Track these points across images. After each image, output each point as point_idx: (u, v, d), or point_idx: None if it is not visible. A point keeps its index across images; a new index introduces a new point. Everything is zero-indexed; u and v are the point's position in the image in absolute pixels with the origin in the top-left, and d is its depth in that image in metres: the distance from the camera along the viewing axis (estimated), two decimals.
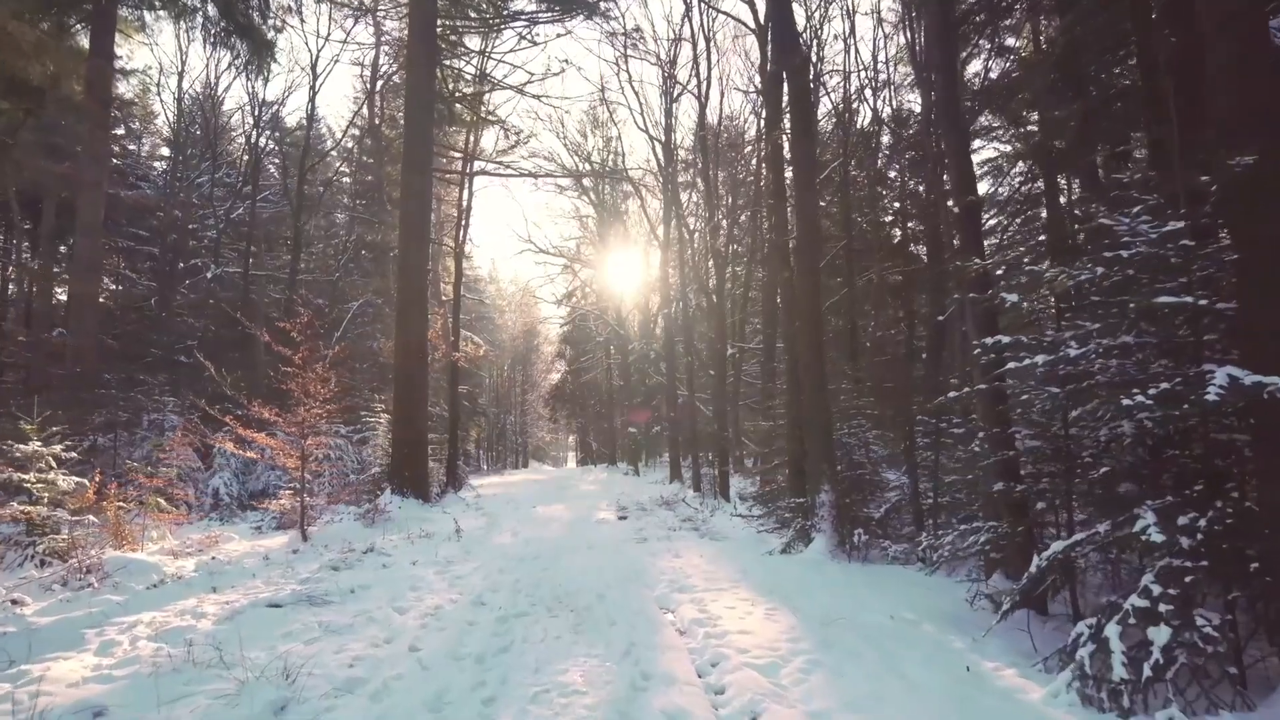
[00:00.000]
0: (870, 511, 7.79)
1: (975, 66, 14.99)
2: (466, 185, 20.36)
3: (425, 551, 8.40)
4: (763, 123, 22.29)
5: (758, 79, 20.18)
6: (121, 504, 8.12)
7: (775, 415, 15.15)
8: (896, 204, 19.20)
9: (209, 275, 21.87)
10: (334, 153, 26.78)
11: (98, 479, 8.42)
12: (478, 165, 19.22)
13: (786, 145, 9.40)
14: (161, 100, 23.45)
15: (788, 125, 8.35)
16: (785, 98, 8.80)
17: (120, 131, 22.67)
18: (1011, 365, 3.71)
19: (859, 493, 8.28)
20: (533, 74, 15.18)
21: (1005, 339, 4.10)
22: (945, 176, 10.86)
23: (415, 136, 13.71)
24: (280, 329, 10.64)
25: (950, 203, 5.39)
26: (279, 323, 11.07)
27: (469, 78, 17.97)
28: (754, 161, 24.12)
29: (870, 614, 4.91)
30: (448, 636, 4.56)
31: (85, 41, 15.37)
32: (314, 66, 22.08)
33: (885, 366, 17.90)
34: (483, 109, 18.49)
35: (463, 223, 20.52)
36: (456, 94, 17.09)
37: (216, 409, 11.34)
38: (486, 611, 5.27)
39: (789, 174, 11.43)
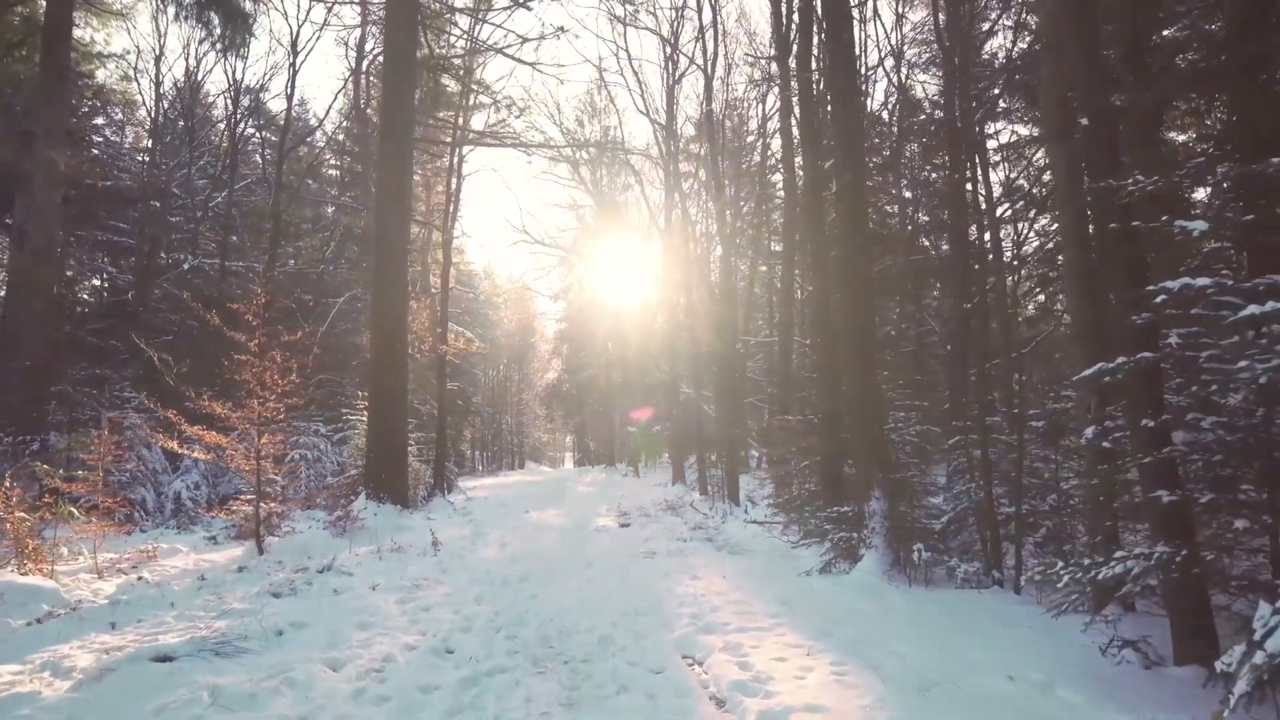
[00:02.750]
0: (929, 523, 6.44)
1: (991, 46, 14.54)
2: (456, 172, 18.98)
3: (392, 570, 7.03)
4: (768, 108, 21.01)
5: (764, 52, 18.87)
6: (24, 514, 6.73)
7: (792, 409, 13.82)
8: (907, 194, 18.03)
9: (186, 267, 20.51)
10: (320, 142, 25.44)
11: (7, 483, 7.04)
12: (467, 140, 17.83)
13: (818, 84, 8.03)
14: (139, 86, 22.02)
15: (820, 51, 6.98)
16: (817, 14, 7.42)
17: (100, 121, 21.30)
18: (1254, 310, 2.40)
19: (907, 499, 6.93)
20: (526, 37, 13.71)
21: (1201, 281, 2.79)
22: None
23: (394, 99, 12.33)
24: (233, 310, 9.29)
25: (1083, 120, 4.04)
26: (231, 304, 9.73)
27: (459, 48, 16.61)
28: (757, 153, 22.88)
29: (979, 672, 3.56)
30: (388, 714, 3.21)
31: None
32: (294, 44, 20.69)
33: (914, 358, 16.71)
34: (473, 81, 17.11)
35: (452, 209, 19.11)
36: (443, 60, 15.72)
37: (162, 403, 10.01)
38: (450, 666, 3.90)
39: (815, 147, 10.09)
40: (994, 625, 4.56)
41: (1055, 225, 15.13)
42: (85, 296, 20.77)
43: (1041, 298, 15.96)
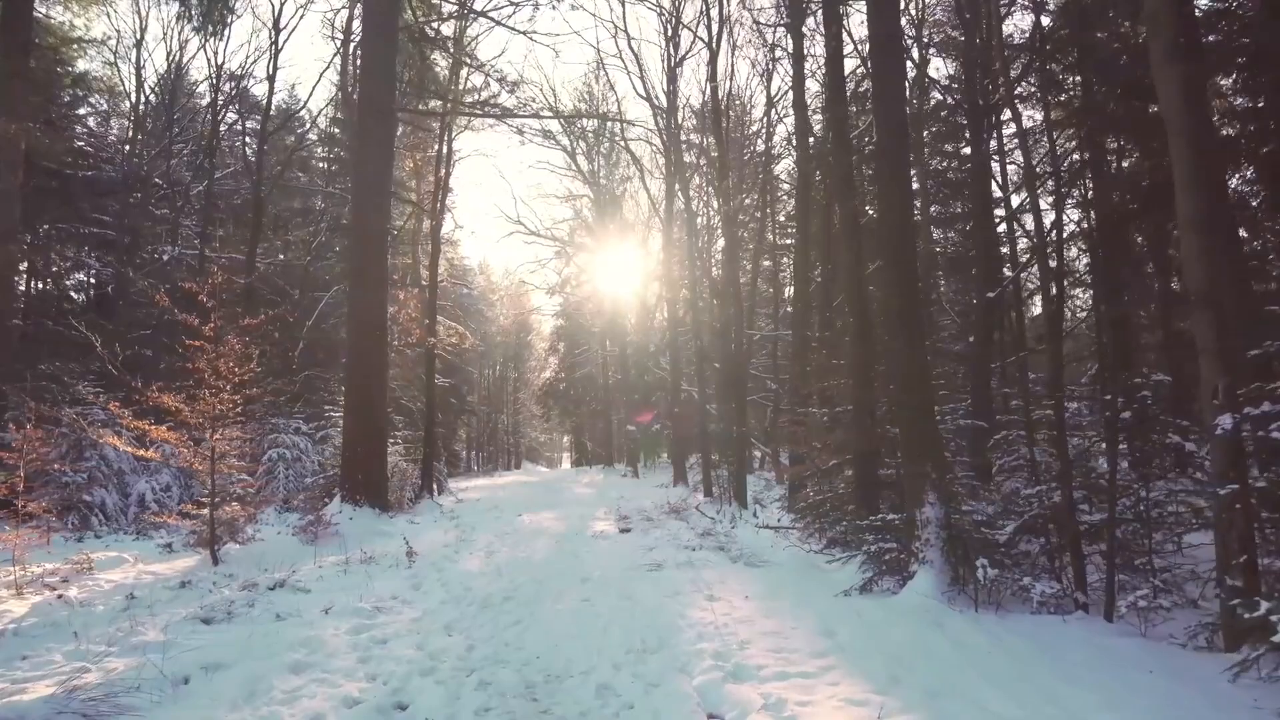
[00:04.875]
0: (988, 532, 5.42)
1: (1007, 28, 13.44)
2: (446, 161, 17.93)
3: (356, 586, 6.01)
4: (774, 91, 19.92)
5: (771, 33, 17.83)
6: None
7: (810, 404, 12.81)
8: (919, 184, 17.14)
9: (165, 258, 19.52)
10: (305, 127, 24.44)
11: None
12: (457, 119, 16.80)
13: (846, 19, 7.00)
14: (119, 71, 21.04)
15: None
16: None
17: (83, 111, 20.29)
18: None
19: (956, 503, 5.91)
20: (519, 3, 12.67)
21: None
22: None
23: (374, 72, 11.32)
24: (185, 290, 8.26)
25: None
26: (183, 283, 8.71)
27: (448, 13, 15.58)
28: (761, 141, 21.91)
29: None
30: None
31: None
32: (276, 23, 19.71)
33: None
34: (463, 54, 16.08)
35: (442, 194, 18.05)
36: (431, 29, 14.71)
37: (125, 400, 9.01)
38: None
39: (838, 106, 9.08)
40: (1104, 668, 3.55)
41: (1079, 214, 14.25)
42: (73, 293, 19.90)
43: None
